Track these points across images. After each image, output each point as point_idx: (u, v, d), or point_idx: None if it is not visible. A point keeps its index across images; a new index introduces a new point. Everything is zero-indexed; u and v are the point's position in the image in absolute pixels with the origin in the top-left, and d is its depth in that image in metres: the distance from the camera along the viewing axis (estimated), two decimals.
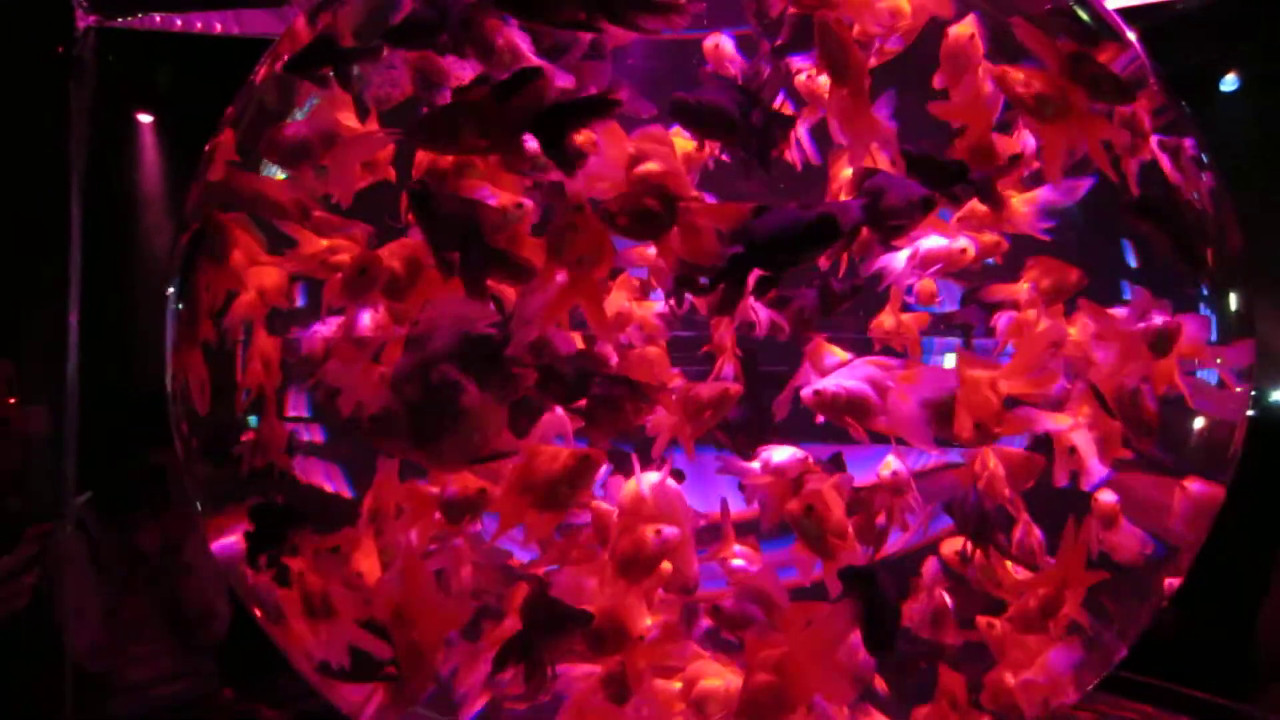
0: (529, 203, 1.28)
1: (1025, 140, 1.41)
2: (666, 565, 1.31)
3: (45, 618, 2.84)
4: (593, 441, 1.35)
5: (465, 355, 1.17)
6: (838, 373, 1.30)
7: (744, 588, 1.32)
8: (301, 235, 1.36)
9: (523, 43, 1.22)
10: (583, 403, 1.33)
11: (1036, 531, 1.46)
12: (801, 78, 1.39)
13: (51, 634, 2.54)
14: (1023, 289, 1.49)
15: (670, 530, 1.27)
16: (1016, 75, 1.29)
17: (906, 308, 1.60)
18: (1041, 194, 1.43)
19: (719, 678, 1.32)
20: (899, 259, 1.45)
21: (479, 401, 1.16)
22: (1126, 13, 1.98)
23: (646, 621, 1.31)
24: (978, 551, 1.43)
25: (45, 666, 2.52)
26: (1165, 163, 1.43)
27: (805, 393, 1.28)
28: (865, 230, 1.27)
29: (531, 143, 1.19)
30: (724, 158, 1.43)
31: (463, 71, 1.28)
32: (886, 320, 1.57)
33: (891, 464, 1.42)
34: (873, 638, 1.19)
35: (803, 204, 1.21)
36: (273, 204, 1.37)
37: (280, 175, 1.39)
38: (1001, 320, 1.50)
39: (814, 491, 1.29)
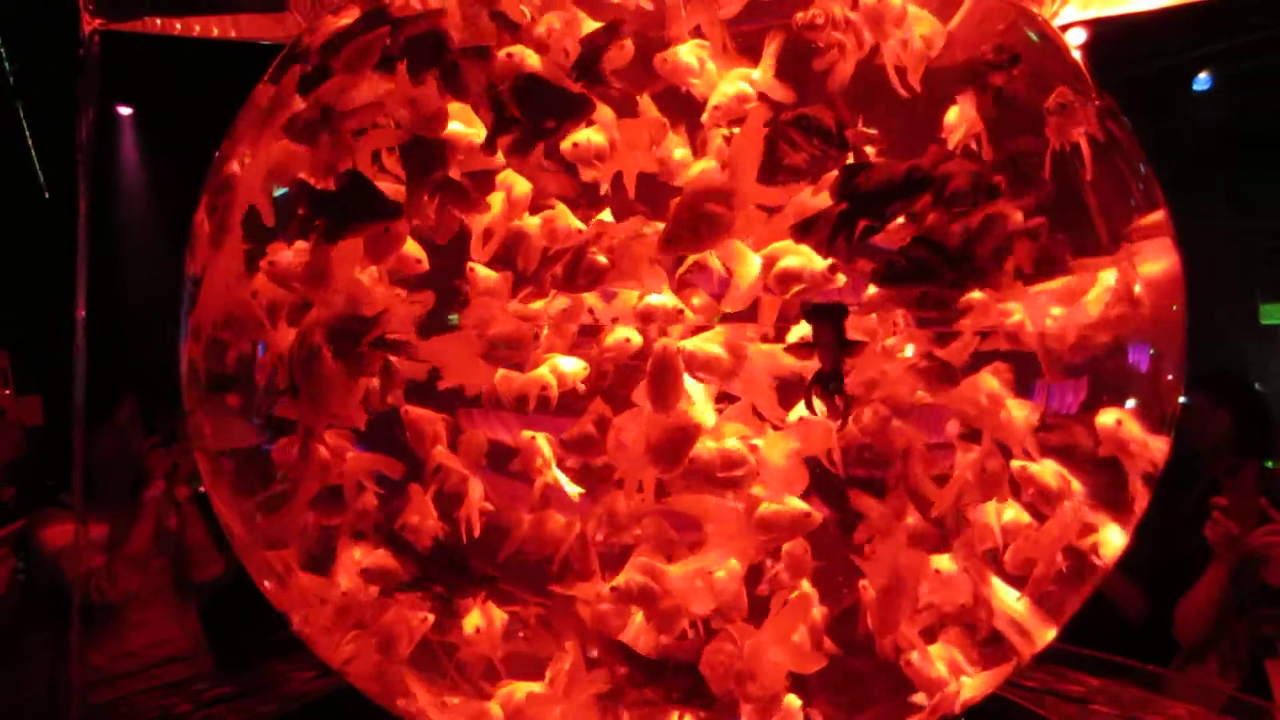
0: None
1: None
2: None
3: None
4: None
5: (335, 330, 1.42)
6: (703, 334, 1.42)
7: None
8: None
9: None
10: None
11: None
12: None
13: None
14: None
15: None
16: None
17: None
18: None
19: None
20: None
21: (330, 370, 1.41)
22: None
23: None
24: None
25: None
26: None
27: (663, 343, 1.40)
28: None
29: None
30: None
31: None
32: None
33: None
34: (825, 371, 1.31)
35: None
36: None
37: None
38: None
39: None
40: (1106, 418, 1.53)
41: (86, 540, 2.52)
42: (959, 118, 1.52)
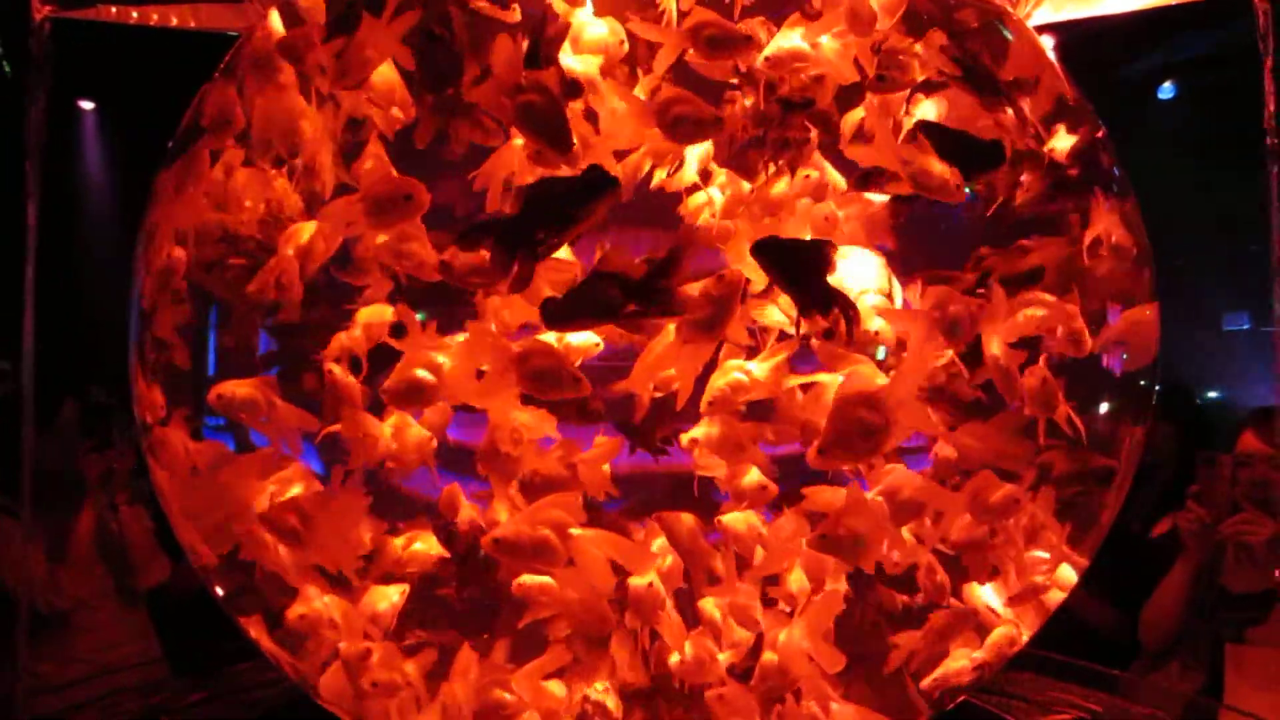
0: None
1: None
2: None
3: None
4: None
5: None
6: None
7: None
8: None
9: None
10: None
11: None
12: None
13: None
14: None
15: None
16: None
17: None
18: None
19: None
20: None
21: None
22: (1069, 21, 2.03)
23: None
24: None
25: None
26: None
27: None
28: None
29: None
30: None
31: None
32: None
33: None
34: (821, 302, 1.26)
35: None
36: None
37: None
38: None
39: None
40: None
41: (32, 549, 2.45)
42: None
